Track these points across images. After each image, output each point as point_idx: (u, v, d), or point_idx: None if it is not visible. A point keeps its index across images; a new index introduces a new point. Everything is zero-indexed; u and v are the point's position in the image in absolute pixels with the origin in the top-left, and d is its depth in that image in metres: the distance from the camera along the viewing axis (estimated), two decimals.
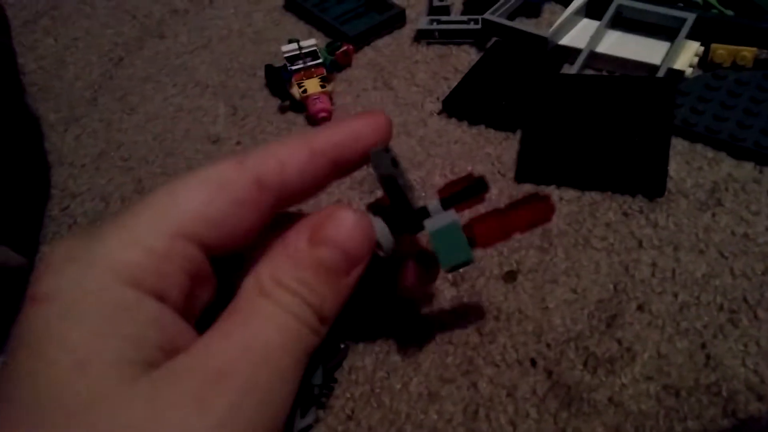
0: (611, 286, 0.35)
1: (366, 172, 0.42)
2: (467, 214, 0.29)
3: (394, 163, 0.26)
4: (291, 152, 0.24)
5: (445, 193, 0.28)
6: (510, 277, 0.37)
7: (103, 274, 0.20)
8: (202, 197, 0.22)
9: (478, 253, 0.37)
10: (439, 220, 0.27)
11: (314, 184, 0.25)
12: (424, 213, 0.27)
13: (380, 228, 0.27)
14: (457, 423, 0.31)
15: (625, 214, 0.39)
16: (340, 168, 0.26)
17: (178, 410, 0.18)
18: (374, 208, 0.29)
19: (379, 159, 0.26)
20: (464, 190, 0.27)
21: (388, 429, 0.31)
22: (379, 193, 0.31)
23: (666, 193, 0.39)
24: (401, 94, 0.50)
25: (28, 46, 0.60)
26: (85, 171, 0.47)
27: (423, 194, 0.42)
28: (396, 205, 0.27)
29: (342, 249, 0.23)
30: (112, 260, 0.20)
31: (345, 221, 0.24)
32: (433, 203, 0.28)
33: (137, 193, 0.45)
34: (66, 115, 0.53)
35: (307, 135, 0.25)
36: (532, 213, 0.28)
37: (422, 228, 0.27)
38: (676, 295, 0.35)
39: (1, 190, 0.37)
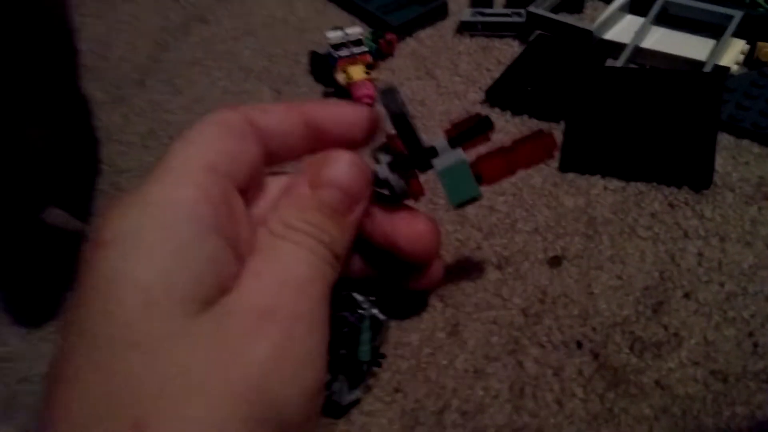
0: (657, 274, 0.36)
1: None
2: (473, 153, 0.30)
3: (403, 102, 0.27)
4: (273, 106, 0.26)
5: (452, 133, 0.29)
6: (555, 262, 0.37)
7: (163, 213, 0.21)
8: (213, 136, 0.24)
9: (521, 238, 0.38)
10: (447, 158, 0.28)
11: (293, 142, 0.27)
12: (433, 152, 0.28)
13: (387, 169, 0.28)
14: (503, 399, 0.31)
15: (671, 205, 0.39)
16: (316, 137, 0.27)
17: (238, 342, 0.19)
18: (384, 149, 0.30)
19: (389, 97, 0.27)
20: (470, 129, 0.28)
21: (434, 402, 0.31)
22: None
23: (712, 186, 0.39)
24: (444, 83, 0.51)
25: (75, 27, 0.62)
26: (133, 148, 0.48)
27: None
28: (406, 141, 0.27)
29: (341, 188, 0.25)
30: (168, 199, 0.21)
31: (341, 162, 0.25)
32: (441, 142, 0.28)
33: None
34: (114, 95, 0.54)
35: (295, 101, 0.27)
36: (534, 149, 0.29)
37: (430, 166, 0.28)
38: (722, 285, 0.35)
39: (57, 164, 0.38)
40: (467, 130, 0.28)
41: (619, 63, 0.47)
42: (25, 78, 0.40)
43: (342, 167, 0.25)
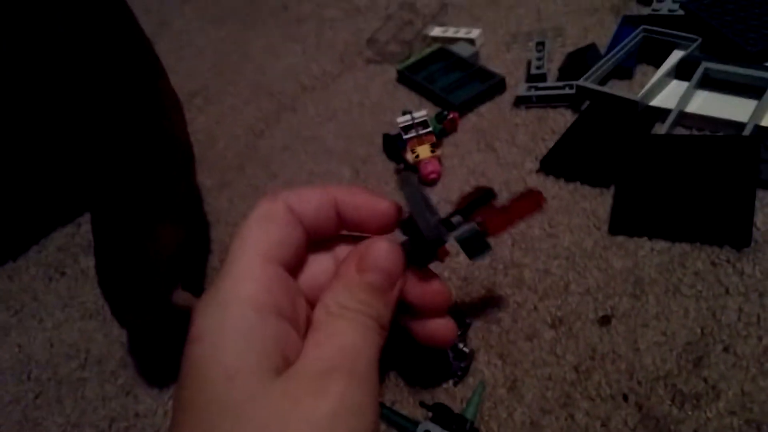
0: (699, 330, 0.39)
1: None
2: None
3: (418, 188, 0.33)
4: (308, 192, 0.32)
5: (462, 204, 0.36)
6: (605, 321, 0.41)
7: (232, 309, 0.27)
8: (263, 229, 0.30)
9: (574, 300, 0.42)
10: (462, 230, 0.34)
11: (326, 225, 0.33)
12: (449, 223, 0.34)
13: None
14: None
15: (713, 263, 0.43)
16: (343, 221, 0.33)
17: (305, 400, 0.26)
18: (404, 226, 0.35)
19: (406, 180, 0.33)
20: (476, 201, 0.35)
21: None
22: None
23: (752, 243, 0.43)
24: (502, 154, 0.56)
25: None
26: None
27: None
28: (419, 216, 0.33)
29: (383, 271, 0.31)
30: (236, 296, 0.28)
31: (381, 249, 0.31)
32: (457, 218, 0.35)
33: None
34: (219, 181, 0.63)
35: (325, 186, 0.33)
36: (527, 204, 0.36)
37: (445, 241, 0.34)
38: (760, 339, 0.38)
39: (184, 253, 0.46)
40: (473, 201, 0.35)
41: (665, 128, 0.52)
42: (156, 176, 0.49)
43: (382, 253, 0.31)
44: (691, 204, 0.45)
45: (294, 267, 0.32)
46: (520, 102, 0.60)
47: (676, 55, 0.57)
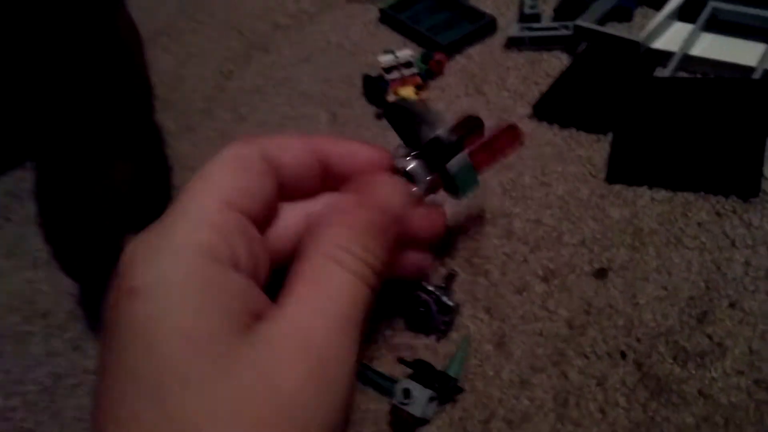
0: (702, 284, 0.36)
1: None
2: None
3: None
4: (290, 142, 0.28)
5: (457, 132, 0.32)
6: (601, 274, 0.38)
7: (186, 257, 0.23)
8: (229, 172, 0.26)
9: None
10: (457, 162, 0.31)
11: (307, 179, 0.28)
12: (437, 141, 0.31)
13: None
14: (548, 409, 0.33)
15: (718, 214, 0.39)
16: (327, 174, 0.29)
17: (274, 374, 0.21)
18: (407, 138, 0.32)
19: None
20: (465, 130, 0.32)
21: (481, 412, 0.33)
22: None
23: (761, 194, 0.39)
24: (492, 99, 0.52)
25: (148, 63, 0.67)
26: None
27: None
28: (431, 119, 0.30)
29: (388, 210, 0.27)
30: (189, 242, 0.23)
31: (387, 185, 0.27)
32: (443, 131, 0.31)
33: None
34: (183, 125, 0.58)
35: (309, 135, 0.29)
36: (506, 141, 0.33)
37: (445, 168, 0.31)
38: None
39: (139, 195, 0.42)
40: (463, 130, 0.32)
41: (667, 72, 0.48)
42: (110, 114, 0.44)
43: (388, 190, 0.27)
44: (695, 151, 0.42)
45: (260, 222, 0.27)
46: (512, 44, 0.56)
47: None
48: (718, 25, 0.50)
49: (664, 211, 0.40)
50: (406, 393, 0.33)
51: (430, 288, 0.37)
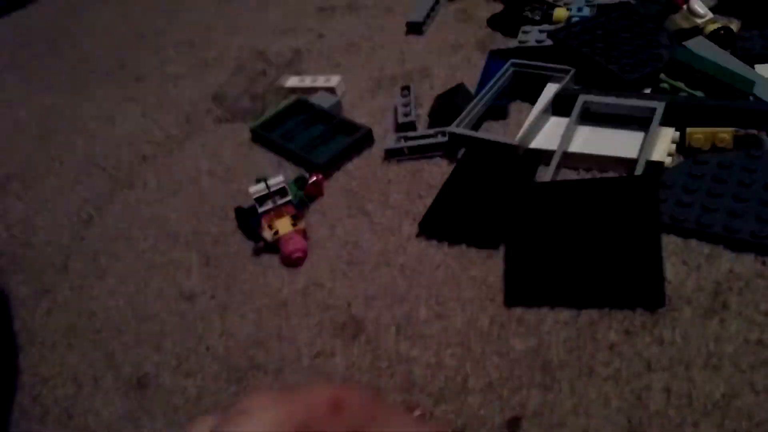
0: (625, 422, 0.32)
1: None
2: None
3: None
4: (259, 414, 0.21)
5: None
6: (513, 423, 0.34)
7: None
8: None
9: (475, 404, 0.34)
10: None
11: None
12: None
13: None
14: None
15: (627, 332, 0.36)
16: None
17: None
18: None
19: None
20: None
21: None
22: None
23: (667, 301, 0.37)
24: (377, 219, 0.48)
25: None
26: (55, 350, 0.45)
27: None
28: None
29: None
30: None
31: None
32: None
33: (110, 369, 0.42)
34: (37, 288, 0.51)
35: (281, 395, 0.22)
36: None
37: None
38: (696, 425, 0.31)
39: None
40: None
41: (549, 172, 0.45)
42: None
43: None
44: (592, 263, 0.39)
45: None
46: (391, 155, 0.53)
47: (551, 89, 0.52)
48: (593, 116, 0.49)
49: (571, 336, 0.37)
50: None
51: None
